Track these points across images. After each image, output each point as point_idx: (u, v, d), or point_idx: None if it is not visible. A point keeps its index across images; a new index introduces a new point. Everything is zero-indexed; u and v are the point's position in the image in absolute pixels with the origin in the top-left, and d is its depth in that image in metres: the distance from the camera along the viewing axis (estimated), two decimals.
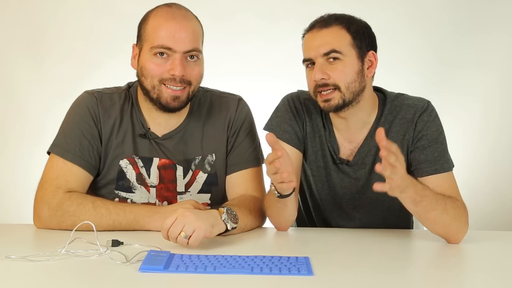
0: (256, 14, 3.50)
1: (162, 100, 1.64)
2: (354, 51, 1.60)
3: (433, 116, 1.67)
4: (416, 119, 1.66)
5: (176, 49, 1.61)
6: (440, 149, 1.64)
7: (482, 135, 3.56)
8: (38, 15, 3.54)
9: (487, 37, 3.48)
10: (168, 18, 1.62)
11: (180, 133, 1.74)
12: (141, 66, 1.65)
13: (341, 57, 1.59)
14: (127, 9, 3.32)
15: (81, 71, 3.49)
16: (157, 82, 1.63)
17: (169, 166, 1.72)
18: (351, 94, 1.61)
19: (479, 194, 3.43)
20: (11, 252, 1.34)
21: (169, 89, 1.63)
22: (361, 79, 1.62)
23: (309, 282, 1.22)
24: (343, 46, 1.59)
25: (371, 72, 1.64)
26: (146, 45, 1.63)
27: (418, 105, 1.68)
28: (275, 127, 1.73)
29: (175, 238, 1.41)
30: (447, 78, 3.51)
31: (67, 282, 1.22)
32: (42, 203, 1.62)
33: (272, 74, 3.44)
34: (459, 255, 1.49)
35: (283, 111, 1.75)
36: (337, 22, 1.61)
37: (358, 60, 1.61)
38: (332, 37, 1.60)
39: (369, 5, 3.35)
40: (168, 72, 1.61)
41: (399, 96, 1.73)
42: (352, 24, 1.61)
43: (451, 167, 1.65)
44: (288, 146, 1.71)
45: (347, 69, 1.60)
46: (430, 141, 1.64)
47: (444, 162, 1.64)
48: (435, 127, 1.66)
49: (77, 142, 1.67)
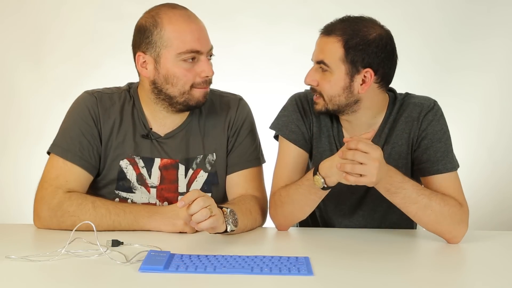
0: (256, 14, 3.50)
1: (192, 102, 1.65)
2: (344, 66, 1.58)
3: (438, 116, 1.66)
4: (421, 118, 1.66)
5: (203, 51, 1.61)
6: (443, 149, 1.64)
7: (482, 135, 3.56)
8: (39, 16, 3.54)
9: (487, 37, 3.48)
10: (187, 21, 1.61)
11: (182, 131, 1.74)
12: (164, 75, 1.62)
13: (329, 70, 1.60)
14: (128, 9, 3.31)
15: (81, 71, 3.49)
16: (188, 88, 1.63)
17: (170, 166, 1.72)
18: (334, 105, 1.62)
19: (479, 194, 3.43)
20: (11, 252, 1.34)
21: (200, 88, 1.64)
22: (348, 94, 1.60)
23: (309, 282, 1.22)
24: (333, 60, 1.58)
25: (364, 89, 1.59)
26: (169, 52, 1.60)
27: (424, 104, 1.68)
28: (282, 126, 1.73)
29: (200, 207, 1.40)
30: (447, 78, 3.51)
31: (67, 282, 1.22)
32: (42, 203, 1.62)
33: (272, 74, 3.44)
34: (459, 255, 1.49)
35: (290, 110, 1.75)
36: (338, 33, 1.58)
37: (347, 76, 1.58)
38: (327, 48, 1.59)
39: (367, 6, 3.35)
40: (199, 75, 1.62)
41: (407, 95, 1.73)
42: (354, 37, 1.57)
43: (454, 167, 1.64)
44: (294, 147, 1.71)
45: (332, 83, 1.60)
46: (433, 140, 1.64)
47: (447, 162, 1.63)
48: (440, 126, 1.65)
49: (77, 142, 1.67)
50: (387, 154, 1.68)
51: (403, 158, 1.69)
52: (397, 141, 1.69)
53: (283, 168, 1.71)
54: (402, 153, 1.69)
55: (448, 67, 3.51)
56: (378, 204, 1.74)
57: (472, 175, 3.47)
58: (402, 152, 1.69)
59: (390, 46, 1.60)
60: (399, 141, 1.69)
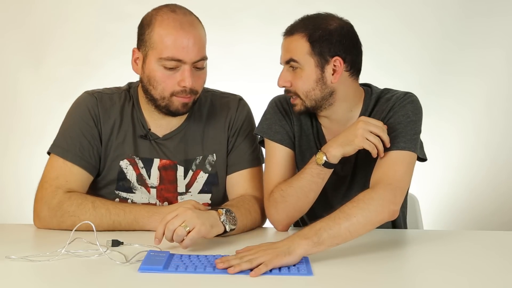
0: (256, 14, 3.51)
1: (172, 109, 1.64)
2: (313, 59, 1.61)
3: (405, 103, 1.64)
4: (389, 108, 1.66)
5: (186, 61, 1.59)
6: (401, 129, 1.60)
7: (482, 135, 3.56)
8: (40, 16, 3.54)
9: (486, 37, 3.48)
10: (176, 28, 1.59)
11: (181, 133, 1.75)
12: (147, 75, 1.63)
13: (299, 66, 1.62)
14: (128, 10, 3.32)
15: (82, 71, 3.49)
16: (167, 94, 1.62)
17: (169, 167, 1.73)
18: (312, 101, 1.64)
19: (479, 194, 3.43)
20: (11, 252, 1.34)
21: (179, 97, 1.62)
22: (322, 86, 1.63)
23: (309, 282, 1.22)
24: (301, 55, 1.61)
25: (336, 78, 1.62)
26: (153, 54, 1.60)
27: (395, 95, 1.68)
28: (266, 129, 1.74)
29: (172, 231, 1.38)
30: (445, 78, 3.51)
31: (67, 282, 1.22)
32: (42, 203, 1.63)
33: (272, 74, 3.41)
34: (459, 255, 1.49)
35: (271, 113, 1.76)
36: (301, 30, 1.62)
37: (317, 69, 1.61)
38: (293, 46, 1.63)
39: (366, 7, 3.36)
40: (178, 84, 1.60)
41: (384, 91, 1.73)
42: (316, 31, 1.61)
43: (408, 148, 1.57)
44: (281, 147, 1.72)
45: (304, 78, 1.62)
46: (393, 123, 1.62)
47: (401, 141, 1.58)
48: (404, 111, 1.63)
49: (77, 142, 1.68)
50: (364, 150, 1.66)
51: None
52: None
53: (274, 168, 1.71)
54: None
55: (447, 68, 3.51)
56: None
57: (472, 175, 3.48)
58: None
59: (352, 34, 1.65)
60: None
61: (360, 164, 1.72)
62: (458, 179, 2.91)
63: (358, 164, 1.73)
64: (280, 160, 1.72)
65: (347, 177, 1.75)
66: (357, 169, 1.73)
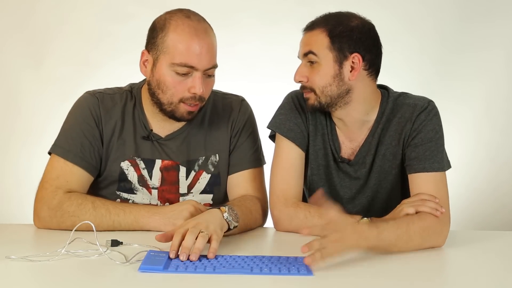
0: (257, 14, 3.51)
1: (177, 115, 1.64)
2: (332, 54, 1.60)
3: (431, 115, 1.65)
4: (414, 118, 1.65)
5: (198, 68, 1.59)
6: (433, 148, 1.62)
7: (482, 135, 3.56)
8: (41, 16, 3.55)
9: (486, 37, 3.49)
10: (191, 34, 1.58)
11: (183, 133, 1.74)
12: (157, 79, 1.62)
13: (317, 60, 1.61)
14: (129, 10, 3.32)
15: (82, 71, 3.50)
16: (176, 100, 1.62)
17: (171, 168, 1.73)
18: (327, 97, 1.62)
19: (479, 194, 3.44)
20: (11, 252, 1.34)
21: (186, 105, 1.62)
22: (339, 83, 1.61)
23: (308, 282, 1.22)
24: (320, 49, 1.60)
25: (354, 75, 1.61)
26: (165, 58, 1.60)
27: (418, 104, 1.67)
28: (280, 124, 1.73)
29: (189, 249, 1.31)
30: (445, 79, 3.51)
31: (67, 282, 1.22)
32: (42, 203, 1.63)
33: (272, 74, 3.44)
34: (459, 256, 1.49)
35: (287, 108, 1.75)
36: (322, 25, 1.62)
37: (335, 64, 1.60)
38: (313, 40, 1.62)
39: (367, 7, 3.35)
40: (189, 91, 1.60)
41: (402, 95, 1.72)
42: (337, 26, 1.60)
43: (442, 168, 1.62)
44: (292, 145, 1.71)
45: (322, 73, 1.61)
46: (424, 139, 1.63)
47: (435, 161, 1.60)
48: (432, 126, 1.64)
49: (78, 143, 1.67)
50: (381, 155, 1.69)
51: (397, 159, 1.69)
52: (391, 141, 1.68)
53: (282, 167, 1.71)
54: (397, 154, 1.68)
55: (447, 68, 3.51)
56: (373, 206, 1.74)
57: (472, 175, 3.48)
58: (396, 153, 1.68)
59: (373, 33, 1.64)
60: (392, 142, 1.68)
61: (376, 169, 1.71)
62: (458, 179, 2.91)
63: (373, 169, 1.72)
64: (290, 159, 1.71)
65: (360, 180, 1.74)
66: (372, 173, 1.72)
